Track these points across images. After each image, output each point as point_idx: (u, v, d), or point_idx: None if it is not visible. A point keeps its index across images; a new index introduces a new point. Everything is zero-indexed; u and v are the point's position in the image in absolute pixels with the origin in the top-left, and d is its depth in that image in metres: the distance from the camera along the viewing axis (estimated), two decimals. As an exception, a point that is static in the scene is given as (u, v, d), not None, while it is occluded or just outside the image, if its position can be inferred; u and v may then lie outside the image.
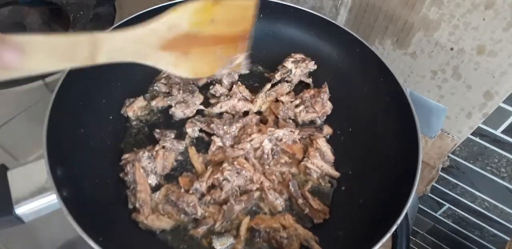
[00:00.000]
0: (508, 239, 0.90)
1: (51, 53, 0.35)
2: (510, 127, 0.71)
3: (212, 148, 0.61)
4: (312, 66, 0.70)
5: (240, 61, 0.53)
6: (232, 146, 0.61)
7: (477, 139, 0.76)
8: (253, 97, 0.67)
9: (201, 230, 0.53)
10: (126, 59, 0.41)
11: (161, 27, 0.42)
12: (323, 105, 0.66)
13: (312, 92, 0.67)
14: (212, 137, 0.62)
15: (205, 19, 0.45)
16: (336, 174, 0.61)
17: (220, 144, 0.61)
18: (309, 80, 0.71)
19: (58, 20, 0.84)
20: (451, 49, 0.64)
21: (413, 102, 0.59)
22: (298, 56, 0.70)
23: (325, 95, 0.66)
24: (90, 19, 0.82)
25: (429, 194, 0.96)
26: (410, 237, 0.61)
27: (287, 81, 0.70)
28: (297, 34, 0.72)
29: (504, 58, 0.60)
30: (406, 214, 0.50)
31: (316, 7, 0.75)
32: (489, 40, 0.60)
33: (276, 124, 0.65)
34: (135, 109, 0.63)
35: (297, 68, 0.69)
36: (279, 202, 0.57)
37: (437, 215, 1.03)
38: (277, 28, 0.73)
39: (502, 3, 0.55)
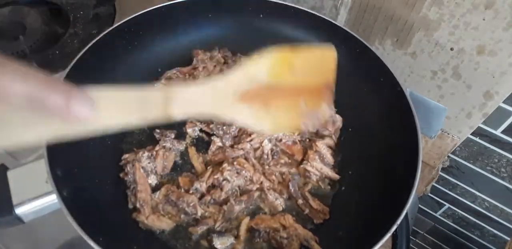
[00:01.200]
0: (508, 239, 0.90)
1: (122, 108, 0.34)
2: (510, 127, 0.71)
3: (212, 148, 0.61)
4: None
5: (327, 116, 0.49)
6: (232, 146, 0.61)
7: (477, 139, 0.76)
8: None
9: (200, 229, 0.53)
10: (202, 111, 0.39)
11: (240, 78, 0.41)
12: (334, 123, 0.65)
13: None
14: (212, 137, 0.62)
15: (284, 69, 0.44)
16: (336, 176, 0.61)
17: (220, 144, 0.61)
18: None
19: (58, 20, 0.84)
20: (451, 49, 0.64)
21: (413, 102, 0.59)
22: None
23: (335, 114, 0.65)
24: (90, 19, 0.82)
25: (429, 194, 0.96)
26: (410, 237, 0.61)
27: None
28: (297, 34, 0.72)
29: (504, 58, 0.60)
30: (406, 214, 0.50)
31: (316, 7, 0.75)
32: (489, 40, 0.60)
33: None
34: None
35: None
36: (279, 202, 0.57)
37: (437, 215, 1.03)
38: (277, 28, 0.73)
39: (502, 3, 0.55)
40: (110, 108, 0.33)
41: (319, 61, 0.47)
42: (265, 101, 0.43)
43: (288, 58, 0.44)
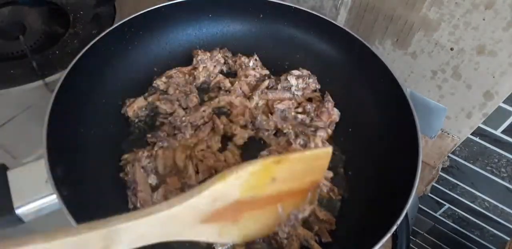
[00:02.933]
0: (508, 239, 0.90)
1: None
2: (510, 127, 0.71)
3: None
4: (313, 85, 0.69)
5: (307, 214, 0.44)
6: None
7: (477, 139, 0.76)
8: (250, 94, 0.68)
9: None
10: (153, 242, 0.33)
11: (202, 201, 0.34)
12: (329, 114, 0.65)
13: (314, 105, 0.66)
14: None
15: (264, 181, 0.37)
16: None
17: None
18: (316, 94, 0.69)
19: (58, 20, 0.84)
20: (451, 49, 0.64)
21: (413, 102, 0.59)
22: (305, 72, 0.69)
23: (329, 104, 0.65)
24: (90, 19, 0.82)
25: (429, 194, 0.96)
26: (410, 237, 0.61)
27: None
28: (297, 34, 0.72)
29: (504, 58, 0.60)
30: (406, 214, 0.50)
31: (316, 7, 0.75)
32: (489, 40, 0.60)
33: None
34: (135, 109, 0.63)
35: (300, 87, 0.68)
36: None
37: (437, 215, 1.03)
38: (277, 28, 0.73)
39: (502, 3, 0.55)
40: None
41: (310, 161, 0.41)
42: (234, 217, 0.37)
43: (269, 170, 0.37)
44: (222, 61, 0.71)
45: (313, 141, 0.62)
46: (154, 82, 0.67)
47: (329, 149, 0.42)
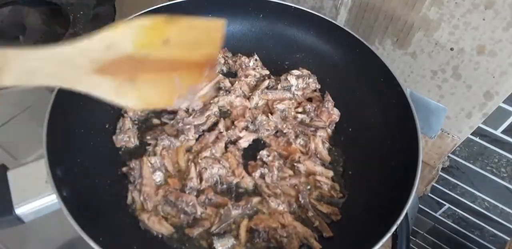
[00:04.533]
0: (508, 239, 0.90)
1: None
2: (510, 127, 0.71)
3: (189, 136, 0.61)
4: (313, 85, 0.69)
5: (206, 92, 0.45)
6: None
7: (477, 139, 0.76)
8: (250, 94, 0.68)
9: (196, 230, 0.53)
10: (47, 83, 0.34)
11: (94, 46, 0.34)
12: (329, 113, 0.65)
13: (314, 104, 0.66)
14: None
15: (156, 40, 0.38)
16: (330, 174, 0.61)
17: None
18: (316, 94, 0.69)
19: (58, 20, 0.84)
20: (451, 49, 0.64)
21: (413, 102, 0.59)
22: (305, 72, 0.69)
23: (329, 103, 0.65)
24: (90, 19, 0.82)
25: (429, 194, 0.96)
26: (410, 237, 0.61)
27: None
28: (297, 34, 0.72)
29: (504, 58, 0.60)
30: (406, 214, 0.50)
31: (316, 7, 0.75)
32: (489, 40, 0.60)
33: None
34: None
35: (300, 87, 0.68)
36: (282, 208, 0.56)
37: (437, 215, 1.03)
38: (277, 28, 0.73)
39: (502, 3, 0.55)
40: None
41: (202, 31, 0.41)
42: (131, 75, 0.37)
43: (161, 29, 0.38)
44: (222, 61, 0.71)
45: (313, 141, 0.62)
46: None
47: (222, 22, 0.42)
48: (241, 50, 0.72)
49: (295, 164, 0.60)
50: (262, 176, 0.59)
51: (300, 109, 0.67)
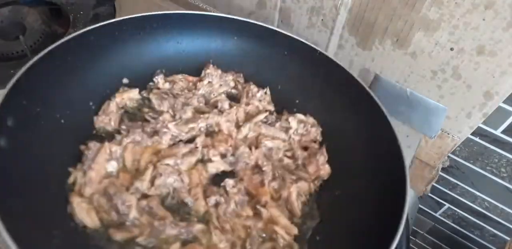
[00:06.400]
0: (508, 239, 0.90)
1: None
2: (510, 127, 0.71)
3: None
4: (315, 135, 0.64)
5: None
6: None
7: (477, 139, 0.76)
8: (241, 124, 0.63)
9: (121, 234, 0.49)
10: None
11: None
12: (317, 167, 0.58)
13: (306, 153, 0.61)
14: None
15: None
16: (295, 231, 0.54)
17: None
18: (313, 145, 0.63)
19: (58, 20, 0.84)
20: (451, 49, 0.64)
21: (413, 102, 0.58)
22: (311, 120, 0.65)
23: (321, 157, 0.59)
24: (90, 19, 0.82)
25: (429, 194, 0.96)
26: (410, 237, 0.61)
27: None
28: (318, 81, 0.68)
29: (504, 58, 0.60)
30: (406, 214, 0.50)
31: (316, 7, 0.75)
32: (489, 40, 0.60)
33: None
34: (124, 97, 0.61)
35: (299, 133, 0.63)
36: (223, 246, 0.50)
37: (437, 215, 1.03)
38: (299, 69, 0.69)
39: (502, 3, 0.55)
40: None
41: None
42: None
43: None
44: (232, 84, 0.68)
45: (288, 189, 0.56)
46: (155, 77, 0.65)
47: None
48: (254, 80, 0.69)
49: (259, 207, 0.54)
50: (217, 204, 0.54)
51: (289, 153, 0.62)
